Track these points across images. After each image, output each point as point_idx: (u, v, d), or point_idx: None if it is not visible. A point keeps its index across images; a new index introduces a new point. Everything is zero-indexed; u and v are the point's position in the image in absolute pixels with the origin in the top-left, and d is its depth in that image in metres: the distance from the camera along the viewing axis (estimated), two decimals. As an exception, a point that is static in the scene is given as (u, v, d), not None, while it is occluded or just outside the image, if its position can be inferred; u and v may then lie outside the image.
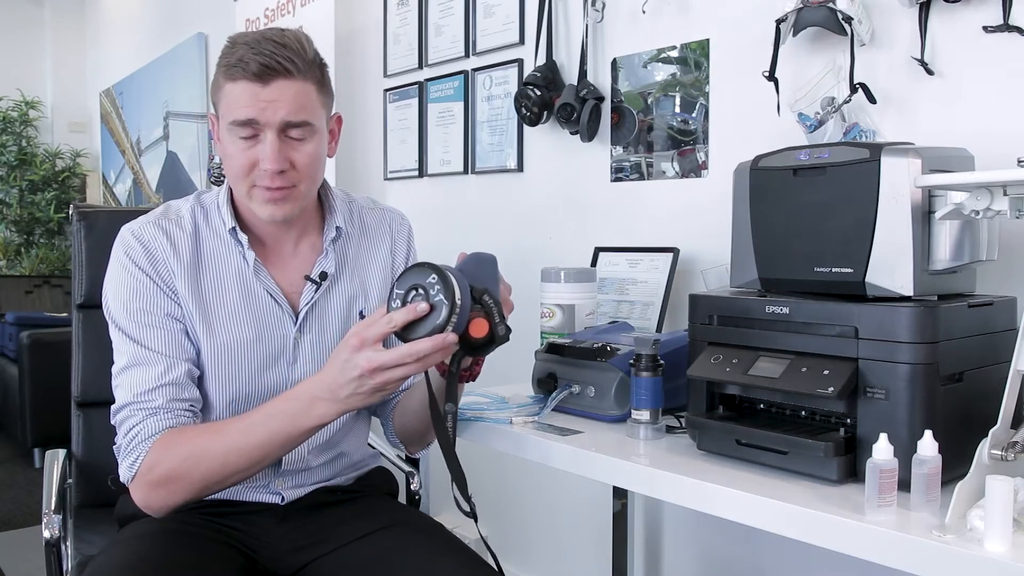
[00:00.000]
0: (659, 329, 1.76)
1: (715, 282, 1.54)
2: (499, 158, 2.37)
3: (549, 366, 1.44)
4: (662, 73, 1.90)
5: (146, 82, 5.11)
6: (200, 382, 1.23)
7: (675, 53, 1.87)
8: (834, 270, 1.10)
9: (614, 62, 2.01)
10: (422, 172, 2.67)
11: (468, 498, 1.12)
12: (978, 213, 0.99)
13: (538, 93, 2.07)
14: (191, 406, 1.19)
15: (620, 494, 1.87)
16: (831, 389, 1.01)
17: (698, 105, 1.83)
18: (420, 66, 2.65)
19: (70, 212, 1.67)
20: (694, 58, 1.83)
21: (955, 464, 0.94)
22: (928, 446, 0.92)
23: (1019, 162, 1.02)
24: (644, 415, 1.24)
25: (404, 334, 1.06)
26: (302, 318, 1.26)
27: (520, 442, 1.28)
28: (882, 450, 0.92)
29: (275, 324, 1.26)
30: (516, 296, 1.18)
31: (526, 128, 2.26)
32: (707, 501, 1.04)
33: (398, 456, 1.60)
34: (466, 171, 2.49)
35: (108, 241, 1.26)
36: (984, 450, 0.90)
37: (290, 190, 1.19)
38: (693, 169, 1.85)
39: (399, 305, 1.06)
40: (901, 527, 0.87)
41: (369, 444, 1.45)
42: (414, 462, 1.59)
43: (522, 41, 2.26)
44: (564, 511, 2.24)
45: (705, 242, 1.78)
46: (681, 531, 1.92)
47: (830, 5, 1.45)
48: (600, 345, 1.39)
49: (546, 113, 2.09)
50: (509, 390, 1.53)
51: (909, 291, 1.04)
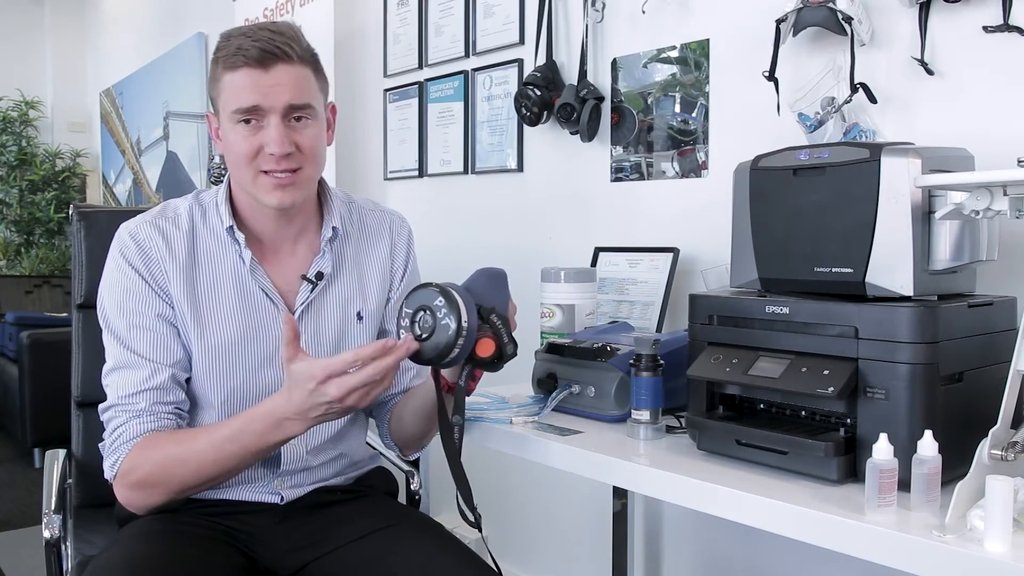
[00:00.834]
0: (659, 329, 1.76)
1: (715, 282, 1.54)
2: (499, 158, 2.37)
3: (549, 366, 1.44)
4: (662, 73, 1.90)
5: (146, 82, 5.11)
6: (195, 380, 1.24)
7: (675, 53, 1.87)
8: (834, 270, 1.10)
9: (614, 62, 2.01)
10: (422, 172, 2.67)
11: (473, 508, 1.12)
12: (978, 213, 0.99)
13: (538, 93, 2.07)
14: (175, 409, 1.21)
15: (620, 494, 1.87)
16: (831, 389, 1.01)
17: (698, 105, 1.83)
18: (420, 66, 2.65)
19: (70, 212, 1.67)
20: (694, 58, 1.83)
21: (955, 464, 0.94)
22: (928, 446, 0.92)
23: (1019, 162, 1.02)
24: (644, 415, 1.24)
25: (412, 356, 1.07)
26: (298, 317, 1.27)
27: (520, 442, 1.28)
28: (882, 450, 0.92)
29: (271, 323, 1.26)
30: (516, 296, 1.18)
31: (526, 128, 2.26)
32: (707, 501, 1.04)
33: (398, 456, 1.59)
34: (466, 171, 2.49)
35: (108, 241, 1.26)
36: (984, 450, 0.90)
37: (296, 174, 1.20)
38: (693, 169, 1.85)
39: (408, 325, 1.07)
40: (901, 527, 0.87)
41: (369, 444, 1.45)
42: (414, 462, 1.59)
43: (522, 41, 2.26)
44: (564, 511, 2.24)
45: (705, 242, 1.78)
46: (681, 531, 1.92)
47: (830, 5, 1.45)
48: (600, 345, 1.39)
49: (546, 113, 2.09)
50: (509, 390, 1.53)
51: (909, 291, 1.04)
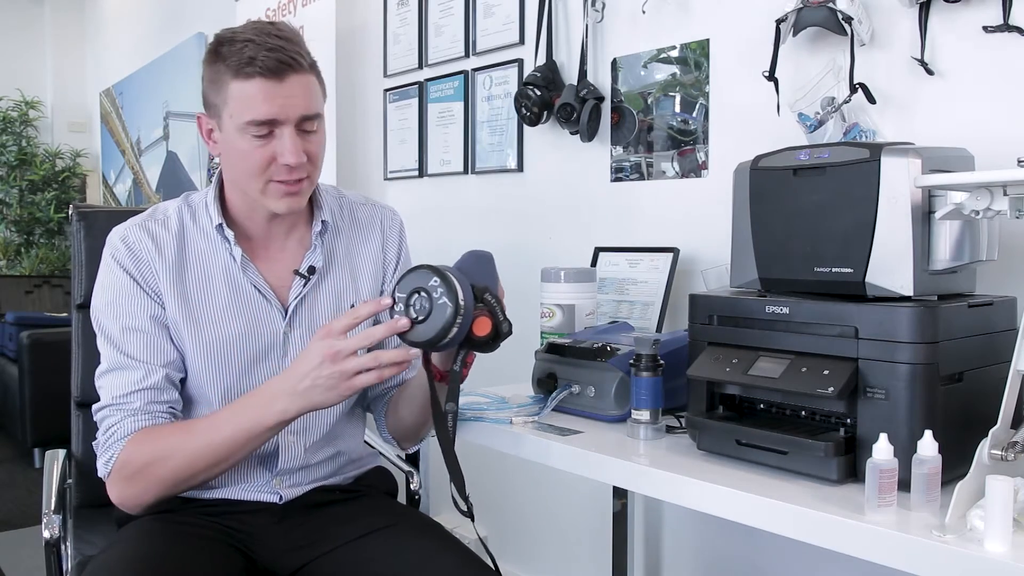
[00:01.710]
0: (659, 329, 1.76)
1: (715, 282, 1.54)
2: (499, 158, 2.37)
3: (549, 366, 1.44)
4: (662, 73, 1.90)
5: (146, 82, 5.10)
6: (192, 378, 1.25)
7: (675, 53, 1.87)
8: (834, 270, 1.10)
9: (614, 62, 2.01)
10: (422, 172, 2.67)
11: (466, 498, 1.13)
12: (978, 213, 0.99)
13: (538, 93, 2.07)
14: (170, 408, 1.22)
15: (620, 494, 1.87)
16: (831, 389, 1.01)
17: (698, 105, 1.83)
18: (420, 66, 2.65)
19: (70, 212, 1.67)
20: (694, 58, 1.83)
21: (955, 464, 0.94)
22: (928, 446, 0.92)
23: (1019, 162, 1.02)
24: (644, 415, 1.24)
25: (409, 337, 1.07)
26: (291, 312, 1.27)
27: (520, 442, 1.28)
28: (882, 450, 0.92)
29: (264, 319, 1.26)
30: (516, 296, 1.18)
31: (526, 128, 2.26)
32: (707, 501, 1.04)
33: (398, 456, 1.60)
34: (466, 171, 2.49)
35: (107, 241, 1.26)
36: (984, 450, 0.90)
37: (304, 181, 1.21)
38: (693, 169, 1.85)
39: (402, 309, 1.07)
40: (901, 527, 0.87)
41: (367, 443, 1.44)
42: (414, 462, 1.59)
43: (522, 41, 2.26)
44: (564, 511, 2.24)
45: (705, 242, 1.78)
46: (681, 531, 1.92)
47: (830, 5, 1.45)
48: (600, 345, 1.39)
49: (546, 113, 2.09)
50: (509, 390, 1.53)
51: (909, 291, 1.04)
